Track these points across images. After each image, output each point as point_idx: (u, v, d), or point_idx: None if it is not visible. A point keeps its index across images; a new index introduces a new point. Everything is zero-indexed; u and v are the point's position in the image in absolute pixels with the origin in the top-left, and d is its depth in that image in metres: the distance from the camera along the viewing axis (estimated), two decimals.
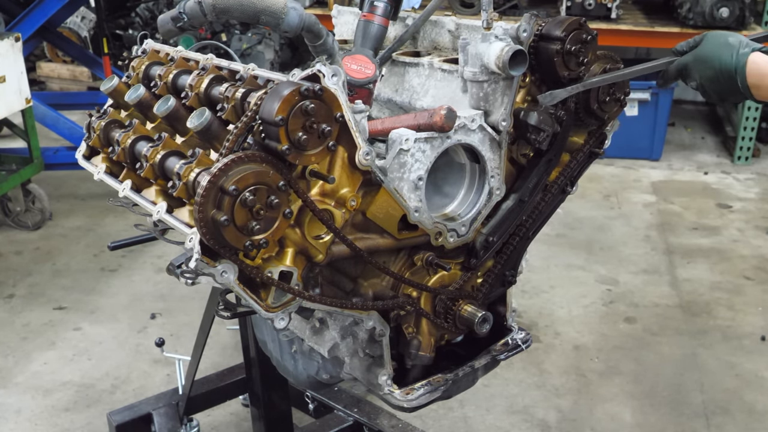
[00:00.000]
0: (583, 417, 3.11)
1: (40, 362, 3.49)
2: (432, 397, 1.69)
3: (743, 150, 6.05)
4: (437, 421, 3.07)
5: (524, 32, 1.57)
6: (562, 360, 3.49)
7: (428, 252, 1.63)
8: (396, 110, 1.86)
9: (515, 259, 1.78)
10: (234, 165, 1.24)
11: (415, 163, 1.50)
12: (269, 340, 2.11)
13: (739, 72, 1.48)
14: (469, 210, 1.66)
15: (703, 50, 1.54)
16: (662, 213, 5.10)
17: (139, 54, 1.82)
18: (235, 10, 1.62)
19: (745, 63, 1.47)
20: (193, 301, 3.90)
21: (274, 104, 1.26)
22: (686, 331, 3.73)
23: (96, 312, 3.92)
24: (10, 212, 4.84)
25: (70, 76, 7.42)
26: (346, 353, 1.66)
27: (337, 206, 1.44)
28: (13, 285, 4.19)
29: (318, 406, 2.76)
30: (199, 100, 1.51)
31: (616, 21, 5.86)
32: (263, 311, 1.38)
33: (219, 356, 3.47)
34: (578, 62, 1.61)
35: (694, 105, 7.68)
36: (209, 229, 1.24)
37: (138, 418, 2.66)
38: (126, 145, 1.55)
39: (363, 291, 1.57)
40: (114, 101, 1.77)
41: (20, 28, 4.81)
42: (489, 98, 1.60)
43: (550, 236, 4.60)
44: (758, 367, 3.44)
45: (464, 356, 1.79)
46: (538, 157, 1.69)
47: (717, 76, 1.52)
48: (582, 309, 3.92)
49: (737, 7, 5.56)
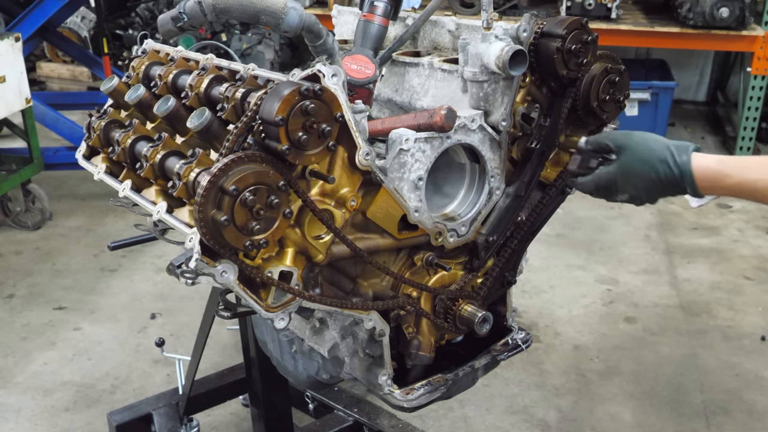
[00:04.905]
0: (583, 417, 3.11)
1: (40, 362, 3.49)
2: (432, 397, 1.69)
3: (743, 150, 6.05)
4: (437, 421, 3.07)
5: (524, 32, 1.57)
6: (562, 360, 3.49)
7: (428, 252, 1.63)
8: (396, 110, 1.86)
9: (515, 259, 1.78)
10: (234, 165, 1.24)
11: (415, 163, 1.51)
12: (269, 340, 2.11)
13: (688, 181, 1.41)
14: (469, 210, 1.66)
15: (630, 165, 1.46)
16: (662, 213, 5.10)
17: (139, 54, 1.82)
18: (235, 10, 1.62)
19: (691, 173, 1.40)
20: (193, 301, 3.90)
21: (274, 104, 1.26)
22: (686, 331, 3.73)
23: (96, 312, 3.92)
24: (10, 212, 4.84)
25: (70, 76, 7.41)
26: (346, 353, 1.66)
27: (337, 206, 1.44)
28: (13, 285, 4.19)
29: (318, 406, 2.76)
30: (199, 100, 1.51)
31: (616, 21, 5.86)
32: (263, 311, 1.38)
33: (219, 356, 3.47)
34: (578, 62, 1.61)
35: (694, 105, 7.68)
36: (209, 229, 1.24)
37: (138, 418, 2.66)
38: (126, 145, 1.55)
39: (363, 291, 1.57)
40: (114, 101, 1.77)
41: (20, 28, 4.81)
42: (489, 98, 1.60)
43: (550, 236, 4.59)
44: (758, 367, 3.44)
45: (464, 356, 1.79)
46: (531, 152, 1.69)
47: (655, 186, 1.46)
48: (582, 309, 3.92)
49: (737, 7, 5.56)
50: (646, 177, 1.45)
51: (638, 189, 1.48)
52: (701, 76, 7.69)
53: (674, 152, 1.42)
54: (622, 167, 1.48)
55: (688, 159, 1.41)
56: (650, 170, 1.44)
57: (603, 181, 1.52)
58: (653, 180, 1.44)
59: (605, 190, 1.53)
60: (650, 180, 1.45)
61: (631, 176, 1.47)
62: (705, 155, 1.42)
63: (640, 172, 1.45)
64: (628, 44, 6.25)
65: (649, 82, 6.10)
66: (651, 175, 1.44)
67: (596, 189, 1.54)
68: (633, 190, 1.49)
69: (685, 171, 1.41)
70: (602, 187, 1.53)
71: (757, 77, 5.76)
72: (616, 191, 1.52)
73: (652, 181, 1.45)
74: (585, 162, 1.55)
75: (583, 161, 1.56)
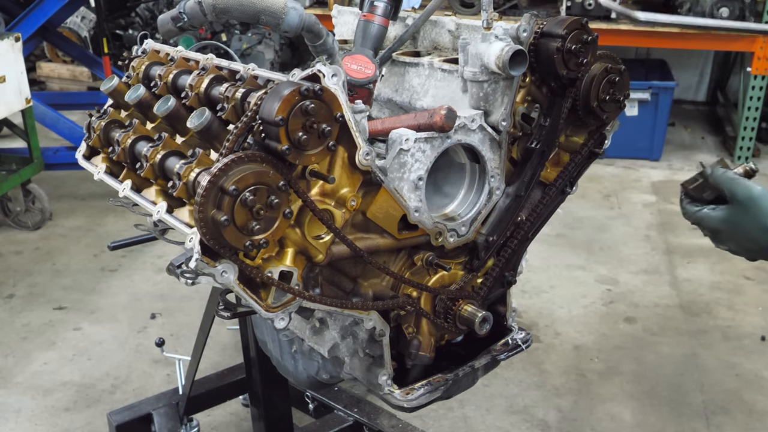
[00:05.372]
0: (583, 417, 3.11)
1: (40, 362, 3.49)
2: (432, 397, 1.69)
3: (743, 150, 6.05)
4: (437, 421, 3.07)
5: (524, 32, 1.57)
6: (562, 360, 3.49)
7: (428, 252, 1.63)
8: (396, 110, 1.86)
9: (515, 259, 1.78)
10: (234, 165, 1.24)
11: (415, 163, 1.51)
12: (269, 340, 2.11)
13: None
14: (469, 210, 1.66)
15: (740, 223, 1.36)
16: (662, 213, 5.10)
17: (139, 54, 1.82)
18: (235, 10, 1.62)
19: None
20: (193, 301, 3.90)
21: (274, 104, 1.26)
22: (686, 331, 3.73)
23: (96, 312, 3.92)
24: (10, 212, 4.84)
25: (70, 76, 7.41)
26: (346, 353, 1.66)
27: (337, 206, 1.44)
28: (13, 285, 4.19)
29: (318, 406, 2.76)
30: (199, 100, 1.51)
31: (616, 21, 5.86)
32: (263, 311, 1.38)
33: (219, 356, 3.47)
34: (578, 62, 1.61)
35: (694, 105, 7.68)
36: (209, 229, 1.24)
37: (138, 418, 2.66)
38: (126, 145, 1.55)
39: (363, 291, 1.57)
40: (114, 101, 1.77)
41: (20, 28, 4.81)
42: (489, 98, 1.60)
43: (550, 236, 4.59)
44: (758, 367, 3.44)
45: (464, 356, 1.79)
46: (531, 152, 1.69)
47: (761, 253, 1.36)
48: (582, 309, 3.92)
49: (737, 7, 5.56)
50: (753, 240, 1.35)
51: (741, 248, 1.39)
52: (701, 76, 7.69)
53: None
54: (731, 221, 1.38)
55: None
56: (760, 236, 1.33)
57: (707, 224, 1.44)
58: (761, 247, 1.35)
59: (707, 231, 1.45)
60: (758, 245, 1.35)
61: (738, 234, 1.38)
62: None
63: (748, 234, 1.36)
64: (628, 44, 6.26)
65: (649, 82, 6.11)
66: (760, 240, 1.34)
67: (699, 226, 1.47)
68: (735, 247, 1.40)
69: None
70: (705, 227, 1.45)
71: (757, 77, 5.76)
72: (718, 240, 1.44)
73: (760, 247, 1.35)
74: (700, 189, 1.47)
75: (699, 186, 1.47)
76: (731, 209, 1.39)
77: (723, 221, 1.40)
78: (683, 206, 1.50)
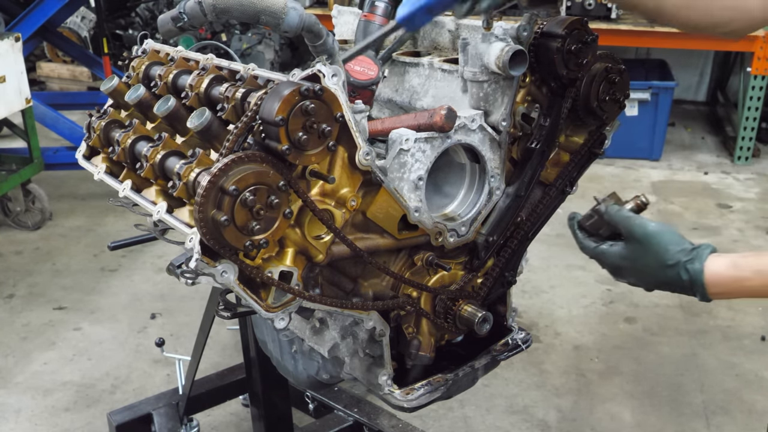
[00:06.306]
0: (583, 417, 3.11)
1: (40, 362, 3.49)
2: (432, 397, 1.69)
3: (743, 150, 6.05)
4: (437, 421, 3.07)
5: (524, 32, 1.57)
6: (562, 360, 3.49)
7: (428, 252, 1.63)
8: (396, 110, 1.86)
9: (515, 259, 1.78)
10: (234, 165, 1.24)
11: (415, 163, 1.50)
12: (269, 340, 2.11)
13: (698, 289, 1.33)
14: (470, 210, 1.66)
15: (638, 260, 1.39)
16: (662, 213, 5.10)
17: (139, 54, 1.82)
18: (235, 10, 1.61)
19: (703, 282, 1.32)
20: (193, 301, 3.90)
21: (274, 104, 1.26)
22: (686, 331, 3.73)
23: (96, 312, 3.92)
24: (10, 212, 4.84)
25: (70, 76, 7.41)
26: (346, 353, 1.66)
27: (337, 206, 1.44)
28: (13, 285, 4.19)
29: (318, 406, 2.76)
30: (199, 100, 1.51)
31: (616, 21, 5.86)
32: (263, 311, 1.38)
33: (219, 356, 3.47)
34: (578, 62, 1.61)
35: (694, 105, 7.68)
36: (209, 229, 1.24)
37: (138, 418, 2.66)
38: (126, 145, 1.55)
39: (363, 291, 1.57)
40: (114, 101, 1.77)
41: (20, 28, 4.81)
42: (489, 98, 1.60)
43: (550, 236, 4.59)
44: (758, 367, 3.44)
45: (464, 356, 1.79)
46: (531, 152, 1.69)
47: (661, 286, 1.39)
48: (582, 309, 3.92)
49: None
50: (653, 275, 1.39)
51: (641, 282, 1.42)
52: (701, 76, 7.69)
53: (686, 259, 1.34)
54: (630, 257, 1.42)
55: (701, 268, 1.32)
56: (659, 272, 1.37)
57: (606, 260, 1.47)
58: (661, 281, 1.38)
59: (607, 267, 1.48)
60: (657, 280, 1.38)
61: (637, 270, 1.41)
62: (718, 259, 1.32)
63: (647, 270, 1.39)
64: (628, 44, 6.26)
65: (649, 82, 6.11)
66: (659, 276, 1.38)
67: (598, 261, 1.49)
68: (635, 281, 1.43)
69: (696, 281, 1.33)
70: (604, 264, 1.48)
71: (757, 77, 5.76)
72: (618, 275, 1.47)
73: (660, 282, 1.38)
74: (596, 225, 1.50)
75: (595, 223, 1.51)
76: (629, 246, 1.42)
77: (622, 258, 1.43)
78: (579, 241, 1.52)
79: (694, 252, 1.35)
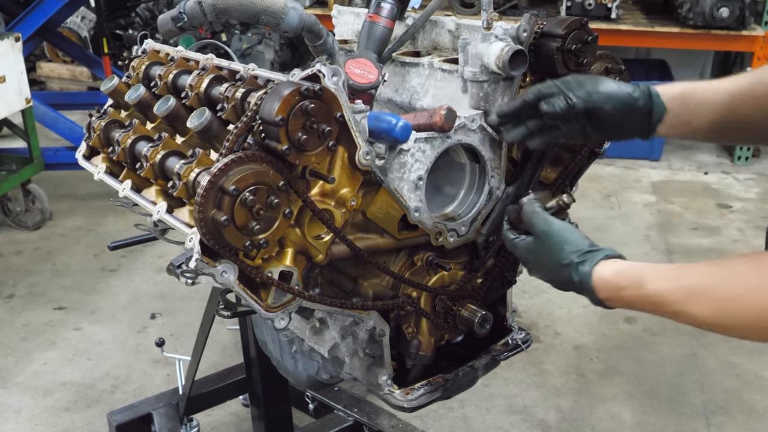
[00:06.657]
0: (583, 417, 3.11)
1: (40, 362, 3.49)
2: (432, 397, 1.69)
3: (743, 150, 6.05)
4: (437, 421, 3.07)
5: (524, 32, 1.57)
6: (562, 360, 3.49)
7: (428, 252, 1.63)
8: (396, 110, 1.86)
9: (515, 259, 1.78)
10: (234, 165, 1.24)
11: (415, 163, 1.51)
12: (269, 340, 2.11)
13: (586, 290, 1.34)
14: (470, 210, 1.66)
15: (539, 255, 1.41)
16: (662, 213, 5.10)
17: (139, 54, 1.82)
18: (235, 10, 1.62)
19: (591, 285, 1.32)
20: (193, 301, 3.90)
21: (274, 104, 1.26)
22: (686, 331, 3.73)
23: (96, 312, 3.92)
24: (10, 212, 4.84)
25: (70, 76, 7.41)
26: (346, 353, 1.66)
27: (337, 206, 1.44)
28: (13, 285, 4.19)
29: (318, 406, 2.76)
30: (199, 100, 1.51)
31: (616, 21, 5.86)
32: (263, 311, 1.38)
33: (219, 356, 3.47)
34: (578, 62, 1.61)
35: None
36: (209, 229, 1.24)
37: (138, 418, 2.66)
38: (126, 145, 1.55)
39: (363, 291, 1.57)
40: (114, 101, 1.77)
41: (20, 28, 4.81)
42: (489, 98, 1.60)
43: None
44: (758, 367, 3.44)
45: (464, 356, 1.79)
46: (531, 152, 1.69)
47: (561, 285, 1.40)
48: (582, 309, 3.92)
49: (737, 7, 5.56)
50: (553, 272, 1.40)
51: (546, 278, 1.43)
52: (701, 76, 7.68)
53: (578, 260, 1.34)
54: (533, 252, 1.43)
55: (590, 270, 1.32)
56: (556, 270, 1.38)
57: (516, 252, 1.49)
58: (559, 280, 1.39)
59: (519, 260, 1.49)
60: (558, 278, 1.39)
61: (539, 266, 1.43)
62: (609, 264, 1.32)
63: (546, 267, 1.41)
64: (628, 44, 6.25)
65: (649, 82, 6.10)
66: (556, 275, 1.39)
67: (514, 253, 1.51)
68: (542, 277, 1.44)
69: (584, 282, 1.33)
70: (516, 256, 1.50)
71: None
72: (528, 268, 1.48)
73: (559, 281, 1.40)
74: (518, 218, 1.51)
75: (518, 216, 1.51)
76: (534, 242, 1.44)
77: (528, 252, 1.45)
78: (503, 232, 1.54)
79: (589, 254, 1.34)
